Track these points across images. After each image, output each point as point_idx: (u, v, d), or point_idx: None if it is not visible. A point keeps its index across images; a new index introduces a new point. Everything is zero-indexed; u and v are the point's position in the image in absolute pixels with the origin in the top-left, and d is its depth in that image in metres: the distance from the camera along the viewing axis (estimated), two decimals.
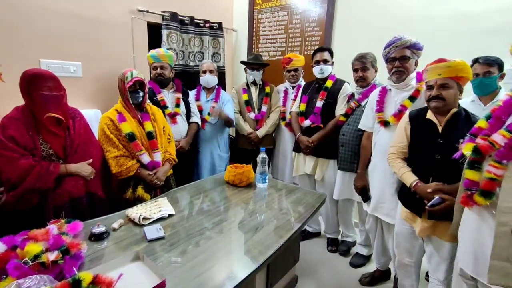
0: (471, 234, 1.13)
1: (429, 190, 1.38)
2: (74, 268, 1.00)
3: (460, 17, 2.16)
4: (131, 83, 1.72)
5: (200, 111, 2.58)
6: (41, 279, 0.86)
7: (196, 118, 2.49)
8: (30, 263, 0.94)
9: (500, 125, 1.05)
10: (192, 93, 2.62)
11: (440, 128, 1.43)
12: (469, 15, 2.12)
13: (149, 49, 2.60)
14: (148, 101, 2.13)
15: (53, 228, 1.14)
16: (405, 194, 1.57)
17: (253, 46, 3.44)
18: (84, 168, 1.53)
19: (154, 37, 2.73)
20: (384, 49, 1.75)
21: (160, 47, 2.59)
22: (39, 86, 1.36)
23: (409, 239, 1.61)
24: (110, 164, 1.70)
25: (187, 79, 2.84)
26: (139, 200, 1.72)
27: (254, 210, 1.67)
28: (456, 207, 1.24)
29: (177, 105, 2.35)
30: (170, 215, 1.50)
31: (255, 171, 2.00)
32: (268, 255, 1.25)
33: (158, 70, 2.26)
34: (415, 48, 1.68)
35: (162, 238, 1.30)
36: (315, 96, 2.38)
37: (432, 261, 1.53)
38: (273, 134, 2.83)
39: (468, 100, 1.82)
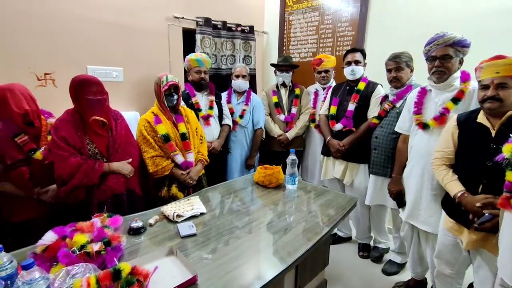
0: (511, 242, 1.05)
1: (478, 205, 1.25)
2: (115, 259, 1.07)
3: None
4: (166, 87, 1.82)
5: (232, 113, 2.65)
6: (86, 267, 0.95)
7: (228, 120, 2.55)
8: (78, 252, 1.03)
9: None
10: (223, 95, 2.69)
11: (493, 132, 1.30)
12: None
13: (184, 53, 2.72)
14: (183, 103, 2.25)
15: (97, 221, 1.24)
16: (450, 203, 1.45)
17: (284, 48, 3.45)
18: (124, 166, 1.64)
19: (188, 42, 2.85)
20: (425, 46, 1.65)
21: (193, 51, 2.70)
22: (85, 91, 1.50)
23: (452, 250, 1.51)
24: (147, 163, 1.81)
25: (219, 81, 2.93)
26: (173, 198, 1.81)
27: (283, 211, 1.68)
28: (500, 215, 1.15)
29: (211, 108, 2.42)
30: (201, 214, 1.55)
31: (284, 173, 2.01)
32: (297, 257, 1.25)
33: (202, 75, 2.36)
34: (459, 45, 1.56)
35: (194, 235, 1.35)
36: (346, 98, 2.33)
37: (480, 273, 1.41)
38: (303, 136, 2.82)
39: None
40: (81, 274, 0.91)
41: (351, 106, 2.27)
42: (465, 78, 1.60)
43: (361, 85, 2.28)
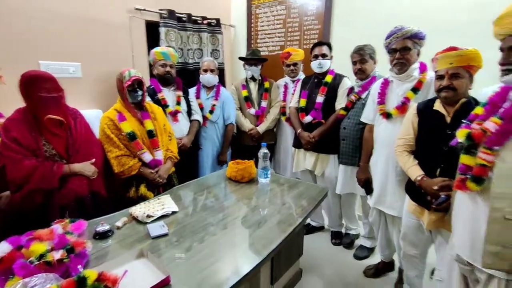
0: (466, 221, 1.13)
1: (435, 187, 1.35)
2: (80, 266, 1.01)
3: (466, 6, 2.12)
4: (129, 82, 1.73)
5: (201, 108, 2.59)
6: (47, 278, 0.88)
7: (197, 115, 2.49)
8: (36, 262, 0.95)
9: (495, 111, 1.05)
10: (192, 91, 2.62)
11: (448, 119, 1.40)
12: (473, 4, 2.09)
13: (148, 48, 2.60)
14: (149, 99, 2.16)
15: (57, 227, 1.15)
16: (412, 188, 1.53)
17: (252, 41, 3.43)
18: (87, 167, 1.54)
19: (153, 35, 2.73)
20: (385, 39, 1.73)
21: (158, 45, 2.60)
22: (37, 88, 1.38)
23: (416, 232, 1.60)
24: (112, 164, 1.72)
25: (186, 76, 2.84)
26: (143, 199, 1.74)
27: (257, 205, 1.68)
28: (453, 196, 1.23)
29: (178, 103, 2.35)
30: (173, 212, 1.51)
31: (257, 167, 2.01)
32: (272, 248, 1.26)
33: (167, 69, 2.26)
34: (417, 38, 1.65)
35: (165, 235, 1.31)
36: (315, 91, 2.37)
37: (441, 251, 1.51)
38: (274, 130, 2.83)
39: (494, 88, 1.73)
40: (41, 286, 0.84)
41: (320, 98, 2.31)
42: (423, 69, 1.70)
43: (329, 78, 2.33)
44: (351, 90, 2.23)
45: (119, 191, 1.80)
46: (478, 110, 1.15)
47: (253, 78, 2.73)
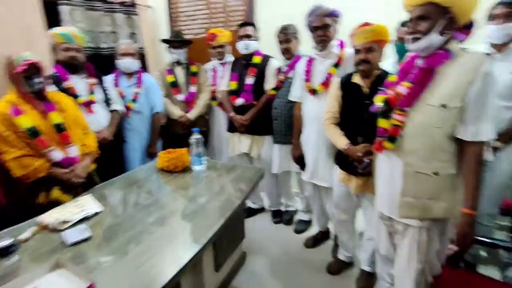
0: (385, 179, 1.26)
1: (359, 154, 1.47)
2: None
3: None
4: (22, 68, 1.43)
5: (122, 97, 2.33)
6: None
7: (117, 105, 2.23)
8: None
9: (406, 77, 1.16)
10: (109, 79, 2.33)
11: (366, 90, 1.51)
12: None
13: (50, 29, 2.20)
14: (54, 88, 1.84)
15: None
16: (340, 158, 1.65)
17: (174, 24, 3.21)
18: None
19: (54, 16, 2.32)
20: (307, 18, 1.77)
21: (61, 26, 2.22)
22: None
23: (346, 198, 1.73)
24: (10, 167, 1.42)
25: (100, 63, 2.51)
26: (57, 204, 1.48)
27: (194, 194, 1.60)
28: (374, 160, 1.35)
29: (92, 92, 2.06)
30: (96, 213, 1.33)
31: (190, 155, 1.91)
32: (212, 234, 1.21)
33: (72, 53, 1.93)
34: (334, 15, 1.74)
35: (87, 239, 1.14)
36: (244, 73, 2.33)
37: (367, 213, 1.68)
38: (206, 116, 2.73)
39: (390, 61, 1.91)
40: None
41: (249, 80, 2.29)
42: (342, 45, 1.80)
43: (256, 59, 2.31)
44: (279, 70, 2.25)
45: (26, 198, 1.51)
46: (392, 77, 1.26)
47: (178, 62, 2.56)
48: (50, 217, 1.24)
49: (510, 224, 1.68)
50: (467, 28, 1.59)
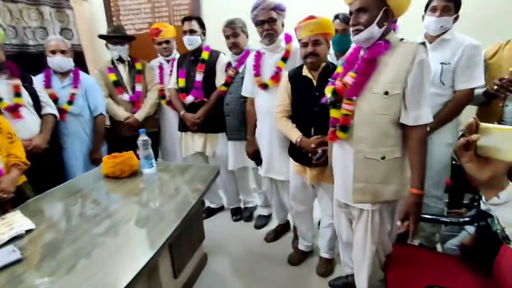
0: (339, 167, 1.30)
1: (312, 146, 1.49)
2: None
3: None
4: None
5: (55, 100, 2.09)
6: None
7: (50, 108, 2.00)
8: None
9: (352, 68, 1.20)
10: (39, 79, 2.08)
11: (315, 82, 1.54)
12: None
13: None
14: None
15: None
16: (293, 150, 1.66)
17: (114, 19, 2.98)
18: None
19: None
20: (251, 12, 1.75)
21: None
22: None
23: (302, 189, 1.76)
24: None
25: (27, 62, 2.23)
26: None
27: (146, 198, 1.50)
28: (329, 150, 1.39)
29: (18, 95, 1.81)
30: (28, 231, 1.16)
31: (138, 158, 1.78)
32: (167, 236, 1.13)
33: None
34: (279, 9, 1.73)
35: (18, 260, 0.99)
36: (192, 69, 2.24)
37: (323, 202, 1.73)
38: (156, 116, 2.59)
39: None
40: None
41: (199, 77, 2.21)
42: (288, 39, 1.82)
43: (205, 54, 2.24)
44: (228, 65, 2.21)
45: None
46: (339, 69, 1.30)
47: (120, 60, 2.38)
48: None
49: (448, 200, 1.86)
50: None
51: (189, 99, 2.23)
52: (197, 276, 1.87)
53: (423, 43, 1.10)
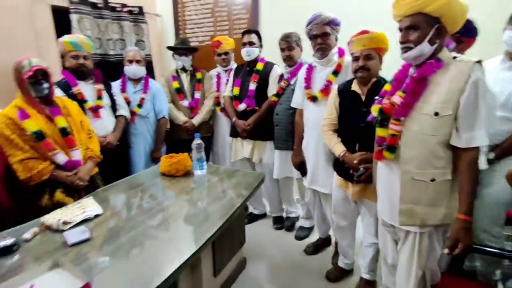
0: (385, 187, 1.26)
1: (355, 162, 1.48)
2: None
3: None
4: (30, 73, 1.48)
5: (128, 103, 2.38)
6: None
7: (123, 111, 2.29)
8: None
9: (400, 86, 1.17)
10: (116, 84, 2.40)
11: (363, 97, 1.53)
12: None
13: (58, 36, 2.29)
14: (62, 94, 1.90)
15: None
16: (337, 163, 1.66)
17: (180, 31, 3.28)
18: None
19: (63, 23, 2.41)
20: (306, 26, 1.80)
21: (71, 34, 2.30)
22: None
23: (343, 203, 1.73)
24: (15, 169, 1.46)
25: (108, 69, 2.58)
26: (59, 206, 1.52)
27: (195, 197, 1.63)
28: (374, 168, 1.35)
29: (99, 98, 2.12)
30: (97, 216, 1.36)
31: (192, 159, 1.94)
32: (211, 233, 1.23)
33: (81, 60, 2.00)
34: (334, 24, 1.76)
35: (87, 240, 1.17)
36: (247, 79, 2.37)
37: (365, 220, 1.68)
38: (210, 121, 2.77)
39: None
40: None
41: (252, 86, 2.32)
42: (341, 53, 1.82)
43: (259, 66, 2.35)
44: (281, 77, 2.28)
45: (30, 199, 1.55)
46: (387, 86, 1.27)
47: (184, 69, 2.61)
48: (52, 218, 1.27)
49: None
50: (471, 36, 1.59)
51: (242, 106, 2.35)
52: (235, 278, 1.94)
53: (479, 61, 1.02)
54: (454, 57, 1.09)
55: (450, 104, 1.03)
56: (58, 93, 1.87)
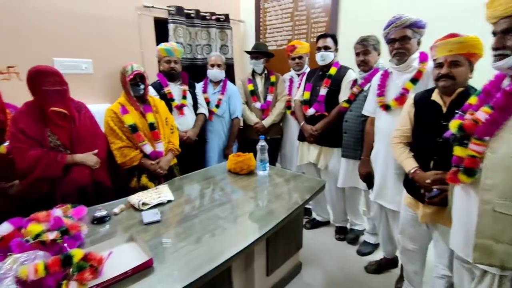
0: (460, 214, 1.10)
1: (428, 181, 1.32)
2: (65, 245, 1.07)
3: None
4: (131, 76, 1.80)
5: (208, 103, 2.64)
6: (37, 255, 0.95)
7: (203, 109, 2.55)
8: (31, 241, 1.03)
9: (489, 100, 0.99)
10: (199, 85, 2.67)
11: (444, 109, 1.35)
12: None
13: (157, 44, 2.68)
14: (155, 94, 2.24)
15: (56, 211, 1.23)
16: (408, 180, 1.50)
17: (261, 36, 3.43)
18: (89, 158, 1.63)
19: (162, 31, 2.81)
20: (384, 29, 1.68)
21: (167, 41, 2.67)
22: (41, 82, 1.47)
23: (413, 225, 1.56)
24: (115, 155, 1.80)
25: (195, 72, 2.90)
26: (144, 189, 1.80)
27: (255, 196, 1.70)
28: (450, 190, 1.19)
29: (184, 97, 2.41)
30: (169, 201, 1.57)
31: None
32: (265, 231, 1.30)
33: (172, 64, 2.34)
34: (416, 26, 1.59)
35: (158, 221, 1.37)
36: (318, 84, 2.34)
37: (438, 247, 1.48)
38: (281, 124, 2.83)
39: None
40: (30, 262, 0.91)
41: (323, 91, 2.28)
42: (423, 58, 1.63)
43: (333, 70, 2.29)
44: (354, 82, 2.18)
45: (123, 181, 1.89)
46: (472, 99, 1.10)
47: (259, 72, 2.74)
48: (135, 198, 1.53)
49: None
50: None
51: (310, 111, 2.34)
52: (288, 281, 1.96)
53: None
54: None
55: None
56: (151, 92, 2.22)
